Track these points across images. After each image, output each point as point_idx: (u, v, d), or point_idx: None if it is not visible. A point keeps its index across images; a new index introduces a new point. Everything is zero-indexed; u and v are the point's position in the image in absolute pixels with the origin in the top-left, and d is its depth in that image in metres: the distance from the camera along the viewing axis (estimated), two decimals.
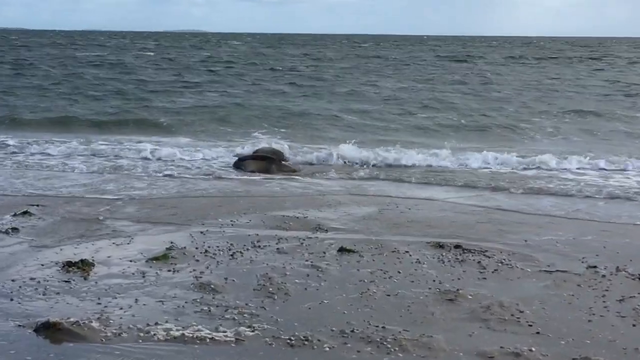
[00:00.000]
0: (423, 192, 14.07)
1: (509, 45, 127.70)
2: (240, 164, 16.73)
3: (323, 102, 32.10)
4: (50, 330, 6.57)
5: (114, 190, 13.58)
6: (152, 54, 72.92)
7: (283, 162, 16.97)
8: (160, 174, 15.64)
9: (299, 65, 57.17)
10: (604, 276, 8.53)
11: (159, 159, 17.59)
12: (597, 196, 13.76)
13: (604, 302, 7.64)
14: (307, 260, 8.96)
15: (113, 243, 9.69)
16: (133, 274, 8.33)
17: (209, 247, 9.46)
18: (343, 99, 33.10)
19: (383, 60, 66.87)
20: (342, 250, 9.39)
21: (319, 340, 6.51)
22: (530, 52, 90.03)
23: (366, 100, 32.90)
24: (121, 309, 7.18)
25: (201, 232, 10.27)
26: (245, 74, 46.63)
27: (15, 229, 10.27)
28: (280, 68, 53.51)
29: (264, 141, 20.68)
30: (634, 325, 7.01)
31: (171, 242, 9.59)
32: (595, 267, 8.88)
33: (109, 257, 8.99)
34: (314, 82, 41.48)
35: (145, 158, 17.67)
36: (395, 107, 30.16)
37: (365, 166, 17.02)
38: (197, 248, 9.40)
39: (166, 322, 6.85)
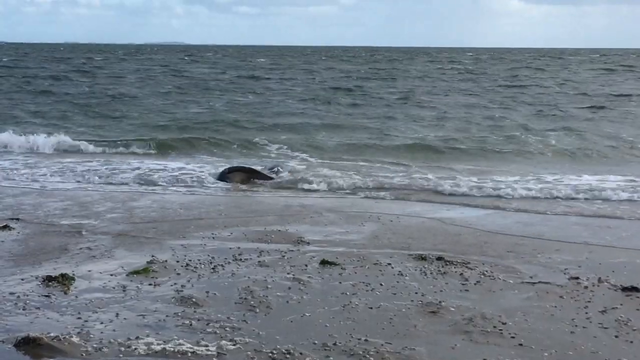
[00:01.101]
0: (406, 207, 14.07)
1: (510, 56, 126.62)
2: (225, 176, 16.68)
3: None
4: (30, 345, 6.51)
5: (96, 203, 13.50)
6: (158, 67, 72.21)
7: (266, 174, 16.95)
8: (144, 188, 15.58)
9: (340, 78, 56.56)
10: (586, 287, 8.54)
11: (149, 173, 17.41)
12: None
13: (586, 313, 7.64)
14: (289, 273, 8.92)
15: (93, 257, 9.63)
16: (114, 288, 8.27)
17: (190, 260, 9.41)
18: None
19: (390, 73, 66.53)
20: (324, 262, 9.36)
21: (301, 353, 6.47)
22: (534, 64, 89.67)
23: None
24: (102, 323, 7.13)
25: (182, 246, 10.21)
26: (275, 88, 45.93)
27: None
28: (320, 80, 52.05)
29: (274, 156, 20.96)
30: (616, 337, 7.01)
31: (152, 256, 9.55)
32: (577, 278, 8.89)
33: (89, 271, 8.92)
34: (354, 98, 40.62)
35: (137, 173, 17.50)
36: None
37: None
38: (178, 261, 9.35)
39: (147, 336, 6.80)
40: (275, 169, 17.67)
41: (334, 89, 45.47)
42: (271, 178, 16.74)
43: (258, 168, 17.61)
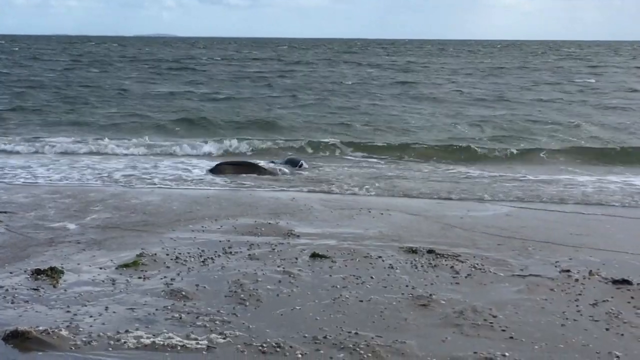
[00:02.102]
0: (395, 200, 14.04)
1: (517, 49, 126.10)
2: (217, 169, 16.63)
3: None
4: (19, 339, 6.49)
5: (89, 195, 13.44)
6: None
7: (262, 168, 16.89)
8: (132, 181, 15.53)
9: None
10: (577, 280, 8.53)
11: (142, 170, 17.27)
12: None
13: (577, 306, 7.63)
14: (279, 266, 8.90)
15: (83, 250, 9.59)
16: (103, 281, 8.24)
17: (180, 253, 9.38)
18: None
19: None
20: (314, 255, 9.34)
21: (291, 346, 6.46)
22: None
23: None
24: (91, 316, 7.10)
25: (172, 239, 10.18)
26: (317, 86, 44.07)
27: None
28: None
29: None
30: (607, 330, 7.01)
31: (142, 249, 9.51)
32: (568, 271, 8.88)
33: (78, 264, 8.89)
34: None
35: (133, 166, 17.53)
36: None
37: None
38: (168, 254, 9.31)
39: (137, 329, 6.78)
40: (299, 164, 17.69)
41: (380, 86, 44.66)
42: (271, 173, 16.65)
43: (261, 163, 17.59)
